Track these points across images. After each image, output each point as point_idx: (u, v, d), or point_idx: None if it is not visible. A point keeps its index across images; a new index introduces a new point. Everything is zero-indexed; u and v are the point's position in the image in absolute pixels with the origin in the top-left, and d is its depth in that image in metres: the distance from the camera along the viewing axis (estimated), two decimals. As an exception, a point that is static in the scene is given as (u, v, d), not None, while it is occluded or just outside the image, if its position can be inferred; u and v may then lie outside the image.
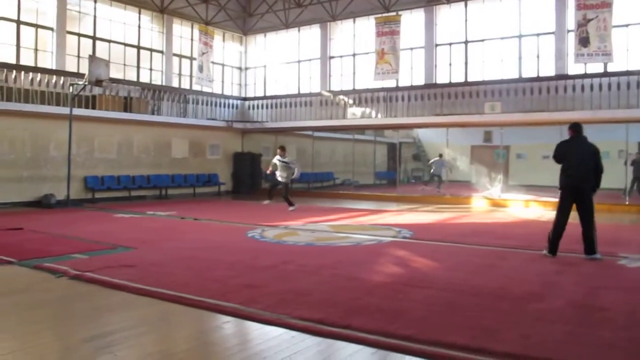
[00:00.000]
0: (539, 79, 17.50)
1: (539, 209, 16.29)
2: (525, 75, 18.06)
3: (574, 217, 8.12)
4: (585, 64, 16.42)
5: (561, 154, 8.21)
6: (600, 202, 16.34)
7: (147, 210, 14.42)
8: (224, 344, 4.33)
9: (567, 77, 17.01)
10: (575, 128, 8.25)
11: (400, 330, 4.37)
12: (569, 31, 17.17)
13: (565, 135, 8.48)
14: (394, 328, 4.42)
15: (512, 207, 16.82)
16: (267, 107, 22.80)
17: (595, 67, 16.68)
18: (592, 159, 7.97)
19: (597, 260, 7.74)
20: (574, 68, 17.04)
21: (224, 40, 23.73)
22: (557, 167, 17.02)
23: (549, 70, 17.66)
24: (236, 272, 6.50)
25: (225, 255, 7.64)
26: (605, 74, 16.37)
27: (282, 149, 15.37)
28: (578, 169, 7.98)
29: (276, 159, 15.26)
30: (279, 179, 15.15)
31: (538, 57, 18.06)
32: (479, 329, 4.45)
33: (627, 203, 16.05)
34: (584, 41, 15.83)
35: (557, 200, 8.16)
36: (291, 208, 14.53)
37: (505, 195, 18.15)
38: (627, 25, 16.53)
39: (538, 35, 18.06)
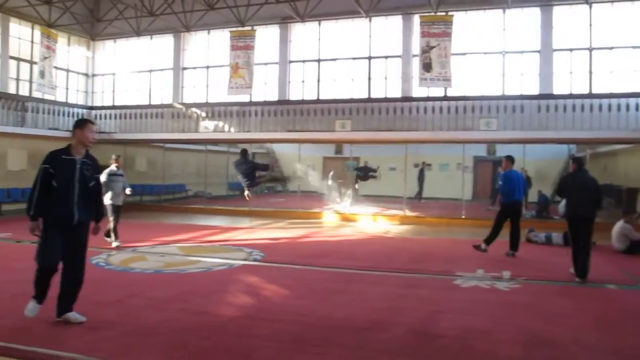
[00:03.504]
0: (386, 99, 18.41)
1: (386, 223, 17.07)
2: (374, 95, 18.90)
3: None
4: (428, 87, 17.52)
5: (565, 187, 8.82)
6: (439, 215, 17.72)
7: (-23, 231, 13.17)
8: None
9: (412, 99, 18.06)
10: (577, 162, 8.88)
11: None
12: (414, 56, 18.23)
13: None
14: (241, 372, 4.39)
15: (360, 222, 17.46)
16: (115, 118, 21.79)
17: (437, 91, 17.85)
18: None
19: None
20: (418, 91, 18.09)
21: (69, 44, 22.37)
22: (400, 178, 18.12)
23: (395, 91, 18.61)
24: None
25: (65, 289, 7.16)
26: (445, 98, 17.62)
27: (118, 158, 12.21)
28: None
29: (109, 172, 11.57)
30: (111, 201, 11.29)
31: (386, 78, 18.98)
32: (324, 368, 4.55)
33: (463, 217, 17.27)
34: (427, 66, 16.88)
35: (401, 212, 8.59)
36: (116, 243, 11.10)
37: (355, 209, 18.87)
38: (464, 54, 17.90)
39: (386, 57, 19.00)
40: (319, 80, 19.86)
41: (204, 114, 20.64)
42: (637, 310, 6.91)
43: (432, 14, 17.32)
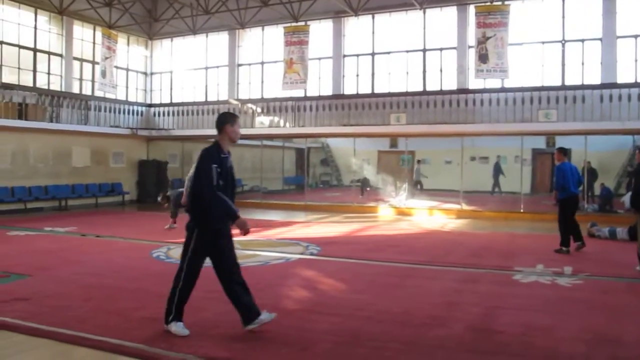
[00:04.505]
0: (442, 92, 18.21)
1: (442, 217, 16.89)
2: (429, 88, 18.71)
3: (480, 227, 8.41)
4: (485, 79, 17.21)
5: None
6: (497, 209, 17.36)
7: (45, 226, 13.68)
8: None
9: (468, 91, 17.80)
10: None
11: (306, 367, 4.38)
12: (469, 47, 17.94)
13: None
14: (299, 365, 4.43)
15: (416, 216, 17.34)
16: (173, 114, 22.33)
17: (494, 82, 17.51)
18: None
19: None
20: (474, 82, 17.81)
21: (128, 44, 23.01)
22: (457, 172, 17.77)
23: (451, 84, 18.37)
24: (140, 302, 6.29)
25: (129, 282, 7.38)
26: (502, 89, 17.28)
27: None
28: None
29: None
30: None
31: (441, 70, 18.76)
32: (383, 363, 4.55)
33: (522, 210, 16.91)
34: (483, 57, 16.59)
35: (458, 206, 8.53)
36: None
37: (410, 203, 18.71)
38: (521, 44, 17.52)
39: (441, 50, 18.77)
40: (373, 74, 19.81)
41: (259, 110, 20.92)
42: None
43: (488, 3, 17.02)
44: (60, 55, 20.11)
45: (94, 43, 21.31)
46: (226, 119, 5.27)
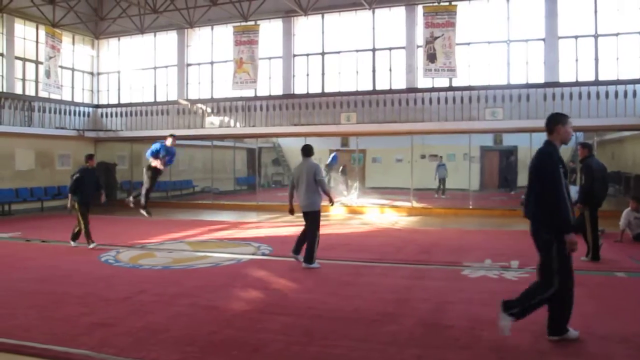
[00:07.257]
0: (391, 91, 18.40)
1: (393, 215, 17.07)
2: (378, 87, 18.90)
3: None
4: (433, 78, 17.49)
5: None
6: (446, 206, 17.68)
7: (-13, 232, 13.27)
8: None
9: (416, 90, 18.02)
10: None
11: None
12: (418, 47, 18.19)
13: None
14: (251, 366, 4.41)
15: (368, 214, 17.47)
16: (121, 115, 21.87)
17: (442, 82, 17.80)
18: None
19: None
20: (422, 82, 18.06)
21: (73, 43, 22.42)
22: (407, 170, 17.97)
23: (400, 83, 18.58)
24: (87, 307, 6.15)
25: (76, 287, 7.21)
26: (450, 88, 17.56)
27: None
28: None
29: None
30: None
31: (390, 70, 18.96)
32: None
33: (471, 207, 17.25)
34: (431, 57, 16.85)
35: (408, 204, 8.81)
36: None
37: (362, 201, 18.88)
38: (469, 44, 17.88)
39: (390, 49, 18.96)
40: (323, 74, 19.87)
41: (209, 110, 20.70)
42: (646, 297, 6.89)
43: (436, 4, 17.29)
44: (1, 55, 19.42)
45: (37, 42, 20.65)
46: (559, 120, 5.24)
